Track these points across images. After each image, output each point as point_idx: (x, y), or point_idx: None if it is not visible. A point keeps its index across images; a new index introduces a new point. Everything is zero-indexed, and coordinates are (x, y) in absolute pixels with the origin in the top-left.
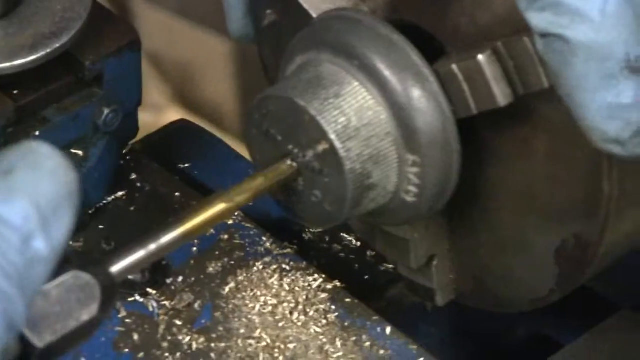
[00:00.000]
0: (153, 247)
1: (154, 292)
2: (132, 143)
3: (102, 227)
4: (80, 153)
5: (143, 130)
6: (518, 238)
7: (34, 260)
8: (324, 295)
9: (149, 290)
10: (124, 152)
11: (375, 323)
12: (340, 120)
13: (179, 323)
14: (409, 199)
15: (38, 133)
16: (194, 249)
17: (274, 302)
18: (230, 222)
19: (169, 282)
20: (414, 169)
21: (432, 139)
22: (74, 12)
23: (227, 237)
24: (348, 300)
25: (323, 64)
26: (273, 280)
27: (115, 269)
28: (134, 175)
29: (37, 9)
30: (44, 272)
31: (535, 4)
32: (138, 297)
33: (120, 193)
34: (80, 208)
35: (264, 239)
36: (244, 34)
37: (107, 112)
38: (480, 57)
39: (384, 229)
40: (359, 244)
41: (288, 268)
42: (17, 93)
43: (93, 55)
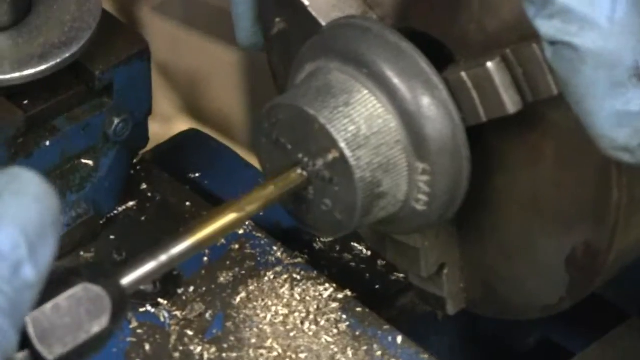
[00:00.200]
0: (164, 258)
1: (165, 302)
2: (142, 153)
3: (113, 237)
4: (91, 163)
5: (152, 141)
6: (528, 245)
7: (23, 288)
8: (335, 305)
9: (160, 301)
10: (134, 162)
11: (387, 332)
12: (350, 129)
13: (191, 333)
14: (419, 207)
15: (48, 143)
16: (205, 259)
17: (285, 311)
18: (241, 231)
19: (180, 292)
20: (424, 177)
21: (441, 147)
22: (84, 21)
23: (237, 246)
24: (359, 310)
25: (332, 72)
26: (284, 290)
27: (126, 281)
28: (145, 185)
29: (46, 19)
30: (32, 297)
31: (544, 12)
32: (149, 307)
33: (131, 203)
34: (92, 218)
35: (275, 249)
36: (253, 43)
37: (117, 121)
38: (489, 64)
39: (395, 238)
40: (370, 254)
41: (299, 277)
42: (27, 103)
43: (103, 65)
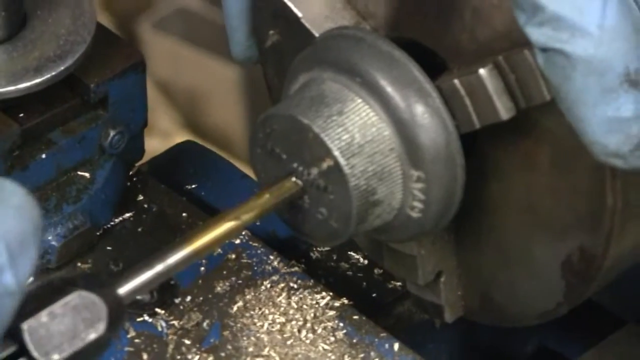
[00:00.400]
0: (160, 267)
1: (163, 311)
2: (138, 165)
3: (110, 248)
4: (87, 175)
5: (151, 157)
6: (523, 252)
7: (3, 295)
8: (332, 313)
9: (158, 310)
10: (131, 173)
11: (383, 340)
12: (344, 137)
13: (188, 342)
14: (415, 215)
15: (44, 156)
16: (202, 269)
17: (282, 320)
18: (238, 241)
19: (177, 301)
20: (419, 185)
21: (436, 155)
22: (78, 35)
23: (234, 256)
24: (356, 317)
25: (326, 82)
26: (281, 299)
27: (123, 290)
28: (141, 197)
29: (41, 33)
30: (12, 306)
31: (534, 19)
32: (147, 317)
33: (128, 214)
34: (89, 229)
35: (272, 258)
36: (248, 56)
37: (113, 133)
38: (482, 71)
39: (391, 246)
40: (367, 262)
41: (296, 286)
42: (22, 116)
43: (98, 78)
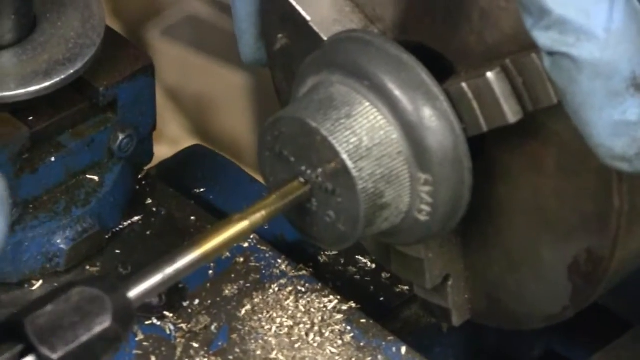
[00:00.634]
0: (170, 271)
1: (171, 315)
2: (147, 168)
3: (118, 251)
4: (96, 178)
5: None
6: (530, 255)
7: None
8: (340, 316)
9: (166, 313)
10: (140, 177)
11: (391, 343)
12: (352, 140)
13: (196, 345)
14: (422, 218)
15: (53, 159)
16: (210, 272)
17: (290, 323)
18: (246, 245)
19: (186, 304)
20: (426, 188)
21: (443, 158)
22: (87, 38)
23: (242, 259)
24: (363, 321)
25: (334, 85)
26: (289, 302)
27: (133, 294)
28: (150, 200)
29: (50, 36)
30: None
31: (541, 23)
32: (155, 320)
33: (136, 218)
34: (98, 233)
35: (280, 261)
36: (256, 59)
37: (121, 137)
38: (489, 74)
39: (399, 250)
40: (374, 266)
41: (303, 290)
42: (31, 119)
43: (107, 81)
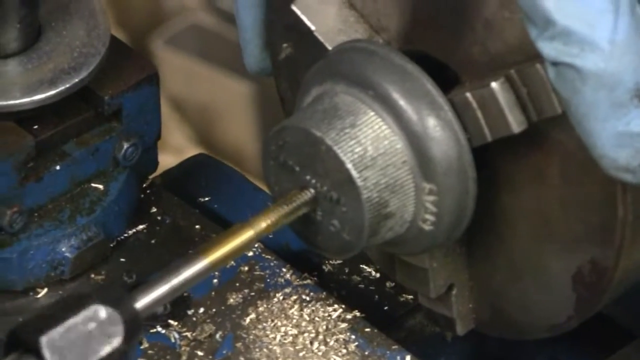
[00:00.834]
0: (176, 281)
1: (176, 323)
2: (152, 177)
3: (123, 260)
4: (101, 187)
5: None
6: (534, 264)
7: None
8: (344, 325)
9: (171, 322)
10: (144, 186)
11: (395, 352)
12: (357, 150)
13: (201, 354)
14: (427, 228)
15: (58, 167)
16: (215, 281)
17: (295, 332)
18: (250, 253)
19: (190, 313)
20: (431, 197)
21: (448, 167)
22: (93, 47)
23: (247, 268)
24: (368, 330)
25: (338, 95)
26: (293, 311)
27: (140, 305)
28: (155, 209)
29: (55, 45)
30: None
31: (546, 33)
32: (160, 328)
33: (141, 226)
34: (102, 241)
35: (284, 270)
36: (261, 69)
37: (126, 146)
38: (494, 84)
39: (403, 259)
40: (379, 275)
41: (308, 298)
42: (37, 128)
43: (112, 90)
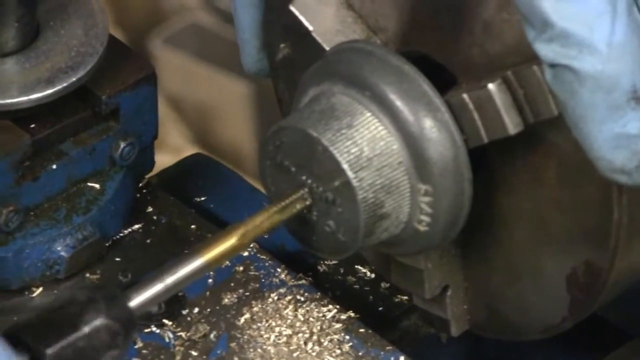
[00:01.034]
0: (171, 280)
1: (170, 323)
2: (148, 177)
3: (119, 259)
4: (97, 186)
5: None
6: (530, 266)
7: None
8: (338, 326)
9: (165, 321)
10: (141, 185)
11: (389, 353)
12: (353, 151)
13: (195, 354)
14: (422, 228)
15: (55, 166)
16: (210, 281)
17: (289, 332)
18: (246, 254)
19: (185, 313)
20: (427, 198)
21: (444, 168)
22: (90, 46)
23: (242, 268)
24: (362, 331)
25: (335, 95)
26: (288, 311)
27: (134, 304)
28: (150, 208)
29: (53, 44)
30: None
31: (543, 35)
32: (154, 328)
33: (137, 226)
34: (98, 240)
35: (279, 271)
36: (259, 69)
37: (123, 145)
38: (491, 86)
39: (398, 260)
40: (374, 276)
41: (302, 299)
42: (34, 127)
43: (109, 89)
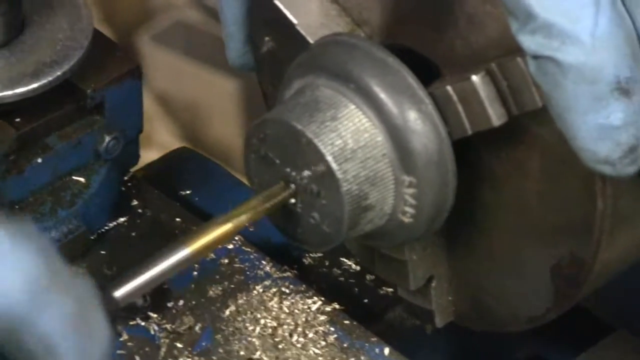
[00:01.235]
0: (155, 271)
1: (155, 315)
2: (133, 170)
3: (104, 252)
4: (82, 180)
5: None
6: (514, 257)
7: None
8: (323, 318)
9: (150, 314)
10: (126, 179)
11: (374, 344)
12: (337, 143)
13: (180, 346)
14: (406, 220)
15: (40, 160)
16: (195, 273)
17: (274, 324)
18: (231, 246)
19: (170, 305)
20: (410, 190)
21: (428, 160)
22: (75, 40)
23: (227, 261)
24: (347, 322)
25: (320, 88)
26: (273, 303)
27: (119, 294)
28: (135, 202)
29: (38, 38)
30: None
31: (527, 27)
32: (139, 320)
33: (122, 219)
34: (83, 234)
35: (264, 263)
36: (243, 64)
37: (108, 139)
38: (474, 77)
39: (383, 252)
40: (359, 268)
41: (287, 291)
42: (18, 121)
43: (94, 83)
